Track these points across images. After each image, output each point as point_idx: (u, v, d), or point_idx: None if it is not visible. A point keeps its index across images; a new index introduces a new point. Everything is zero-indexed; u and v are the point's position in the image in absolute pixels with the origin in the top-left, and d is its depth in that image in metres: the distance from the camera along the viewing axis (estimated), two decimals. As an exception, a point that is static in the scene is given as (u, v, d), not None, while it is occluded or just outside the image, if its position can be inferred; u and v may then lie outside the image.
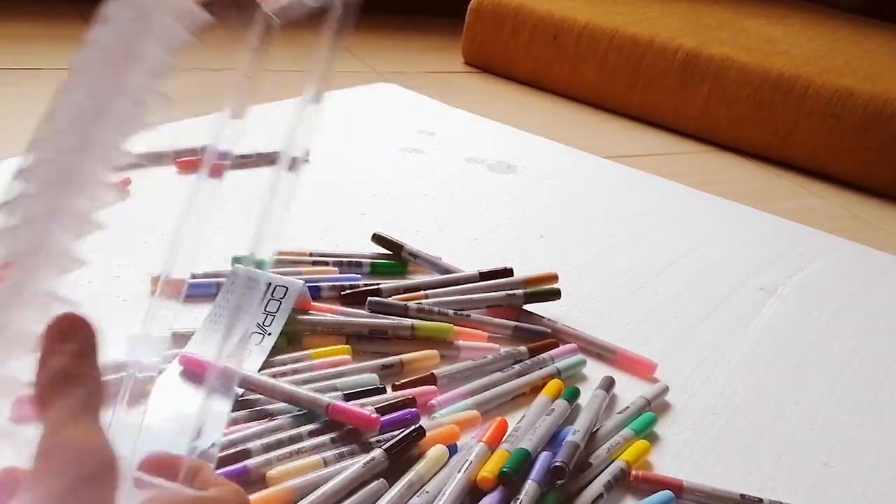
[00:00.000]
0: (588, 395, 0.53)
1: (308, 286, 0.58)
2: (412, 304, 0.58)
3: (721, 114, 1.17)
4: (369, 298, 0.58)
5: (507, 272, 0.65)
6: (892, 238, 0.95)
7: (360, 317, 0.57)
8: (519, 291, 0.62)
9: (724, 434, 0.54)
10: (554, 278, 0.65)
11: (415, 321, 0.57)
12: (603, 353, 0.60)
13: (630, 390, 0.56)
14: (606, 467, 0.48)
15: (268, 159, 0.81)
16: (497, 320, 0.60)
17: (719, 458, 0.52)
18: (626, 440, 0.50)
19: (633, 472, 0.48)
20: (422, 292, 0.61)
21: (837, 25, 1.47)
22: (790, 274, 0.78)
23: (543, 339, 0.59)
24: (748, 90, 1.15)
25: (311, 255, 0.64)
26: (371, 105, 1.05)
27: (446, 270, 0.66)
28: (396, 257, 0.66)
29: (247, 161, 0.77)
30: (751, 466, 0.52)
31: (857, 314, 0.73)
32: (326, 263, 0.63)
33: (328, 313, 0.57)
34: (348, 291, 0.60)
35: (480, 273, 0.65)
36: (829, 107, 1.10)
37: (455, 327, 0.58)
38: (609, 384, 0.55)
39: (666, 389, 0.56)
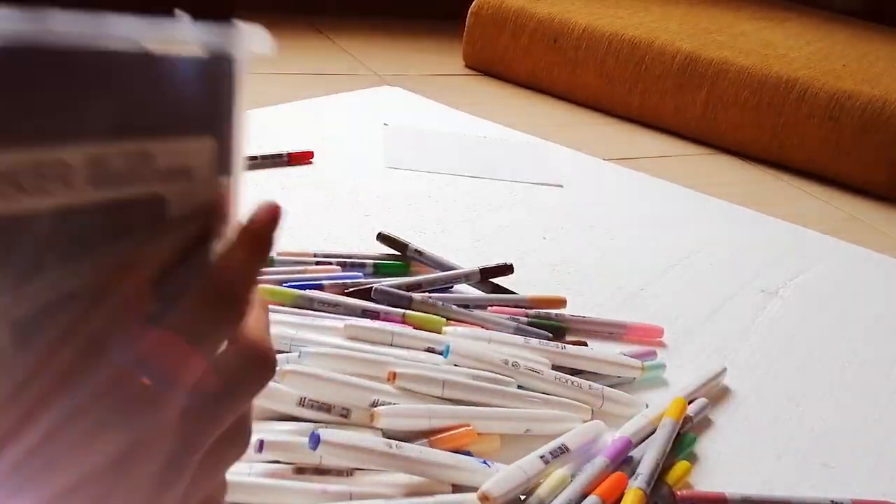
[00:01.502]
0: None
1: (311, 284, 0.59)
2: (416, 295, 0.59)
3: (720, 116, 1.18)
4: (374, 287, 0.59)
5: (508, 269, 0.66)
6: (890, 240, 0.95)
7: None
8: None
9: (724, 435, 0.55)
10: (562, 303, 0.64)
11: (411, 312, 0.57)
12: (613, 330, 0.62)
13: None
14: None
15: (273, 160, 0.82)
16: (497, 317, 0.60)
17: (719, 458, 0.52)
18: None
19: (679, 493, 0.47)
20: (424, 292, 0.61)
21: (836, 28, 1.48)
22: (791, 276, 0.78)
23: (545, 339, 0.59)
24: (747, 93, 1.16)
25: (314, 255, 0.64)
26: (376, 108, 1.05)
27: (451, 270, 0.66)
28: (401, 257, 0.67)
29: (253, 163, 0.77)
30: (751, 467, 0.52)
31: (858, 316, 0.73)
32: (330, 263, 0.64)
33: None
34: (352, 289, 0.60)
35: (481, 269, 0.65)
36: (828, 109, 1.11)
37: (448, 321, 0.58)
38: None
39: (706, 405, 0.55)
